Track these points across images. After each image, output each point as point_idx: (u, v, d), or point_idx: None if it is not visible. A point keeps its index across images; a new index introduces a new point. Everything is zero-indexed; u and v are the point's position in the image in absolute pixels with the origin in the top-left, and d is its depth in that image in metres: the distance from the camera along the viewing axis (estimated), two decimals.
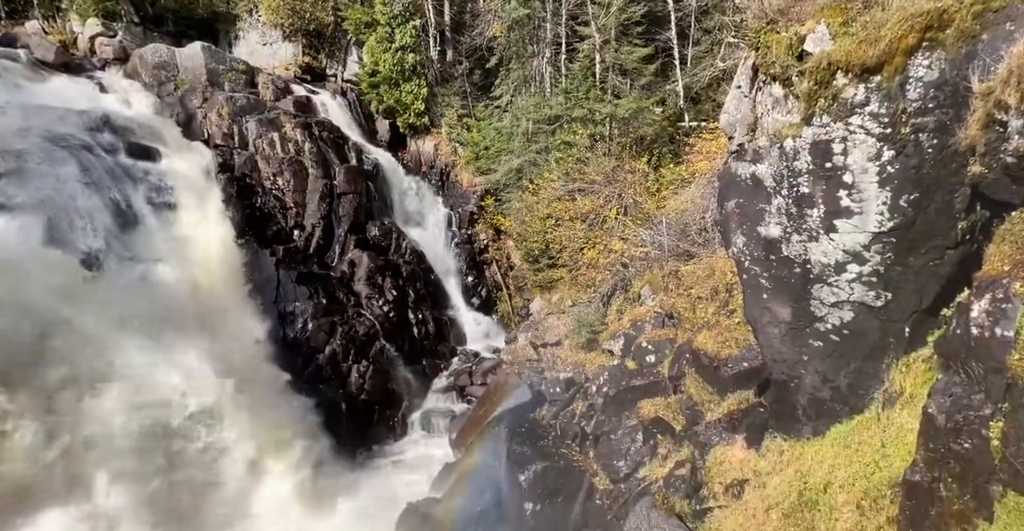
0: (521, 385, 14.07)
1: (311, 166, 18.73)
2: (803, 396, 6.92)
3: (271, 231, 17.72)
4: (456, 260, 19.47)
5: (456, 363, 17.52)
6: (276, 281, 16.85)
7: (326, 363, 16.26)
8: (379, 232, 19.20)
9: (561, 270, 15.36)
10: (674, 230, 11.46)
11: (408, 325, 17.90)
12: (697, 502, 7.98)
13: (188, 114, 18.17)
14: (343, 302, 17.63)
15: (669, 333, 11.26)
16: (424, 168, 20.93)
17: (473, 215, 19.28)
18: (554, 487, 11.38)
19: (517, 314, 18.33)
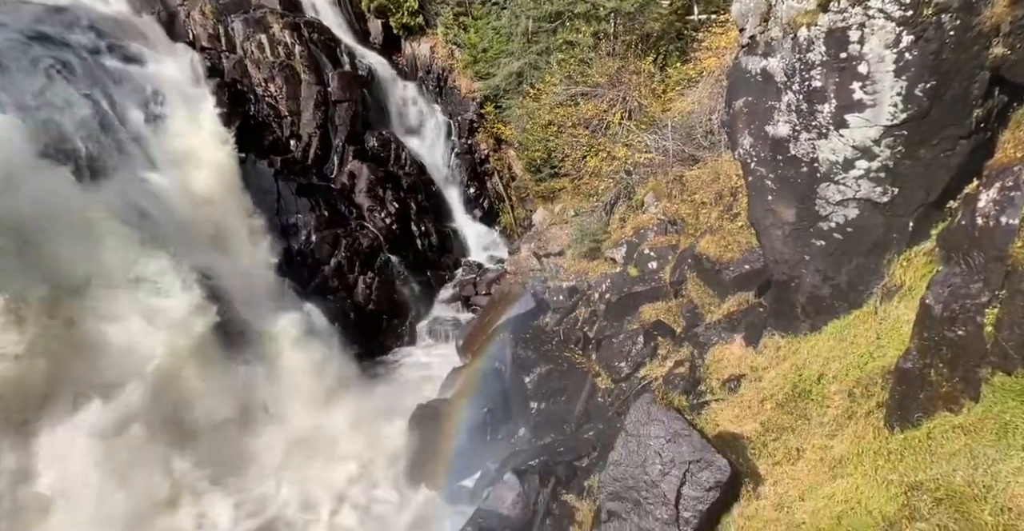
0: (525, 294, 14.37)
1: (303, 71, 17.94)
2: (802, 295, 7.03)
3: (267, 141, 17.31)
4: (457, 171, 19.14)
5: (460, 274, 17.76)
6: (276, 193, 16.65)
7: (332, 275, 16.49)
8: (378, 142, 18.74)
9: (563, 180, 15.13)
10: (679, 134, 11.13)
11: (411, 237, 17.96)
12: (695, 397, 8.37)
13: (170, 12, 17.12)
14: (345, 214, 17.57)
15: (671, 239, 11.28)
16: (420, 73, 20.00)
17: (473, 123, 18.68)
18: (558, 387, 11.97)
19: (520, 225, 18.30)
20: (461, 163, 19.05)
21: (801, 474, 5.38)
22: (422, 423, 12.41)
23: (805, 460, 5.49)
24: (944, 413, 4.25)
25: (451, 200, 19.14)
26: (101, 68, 14.04)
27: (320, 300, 15.46)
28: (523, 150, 16.33)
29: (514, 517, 8.65)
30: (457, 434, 11.84)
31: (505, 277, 16.01)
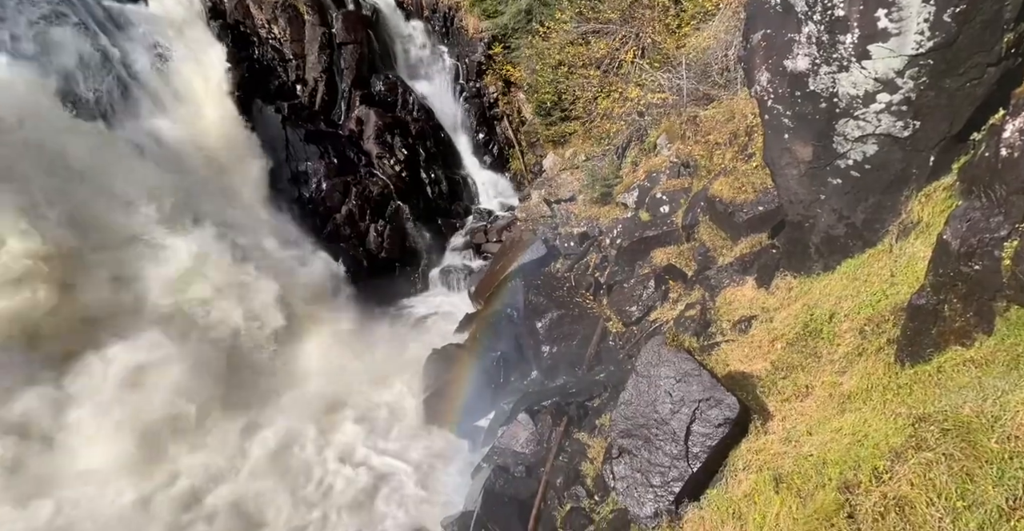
0: (535, 241, 14.35)
1: (307, 12, 17.35)
2: (817, 235, 6.95)
3: (273, 86, 16.97)
4: (466, 116, 18.74)
5: (471, 222, 17.72)
6: (285, 140, 16.49)
7: (343, 222, 16.50)
8: (384, 87, 18.31)
9: (574, 123, 14.78)
10: (694, 72, 10.72)
11: (421, 185, 17.82)
12: (705, 339, 8.45)
13: None
14: (354, 162, 17.40)
15: (684, 182, 11.10)
16: (427, 12, 19.26)
17: (481, 66, 18.11)
18: (569, 332, 12.14)
19: (530, 171, 18.06)
20: (470, 107, 18.61)
21: (809, 410, 5.48)
22: (436, 366, 12.70)
23: (814, 397, 5.57)
24: (956, 348, 4.26)
25: (460, 146, 18.84)
26: (101, 8, 13.62)
27: (333, 248, 15.55)
28: (532, 92, 15.90)
29: (528, 453, 8.97)
30: (471, 377, 12.14)
31: (516, 224, 15.95)
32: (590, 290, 12.52)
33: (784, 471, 5.02)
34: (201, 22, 15.46)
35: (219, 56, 15.18)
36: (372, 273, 15.95)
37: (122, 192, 11.69)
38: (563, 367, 11.42)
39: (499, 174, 18.83)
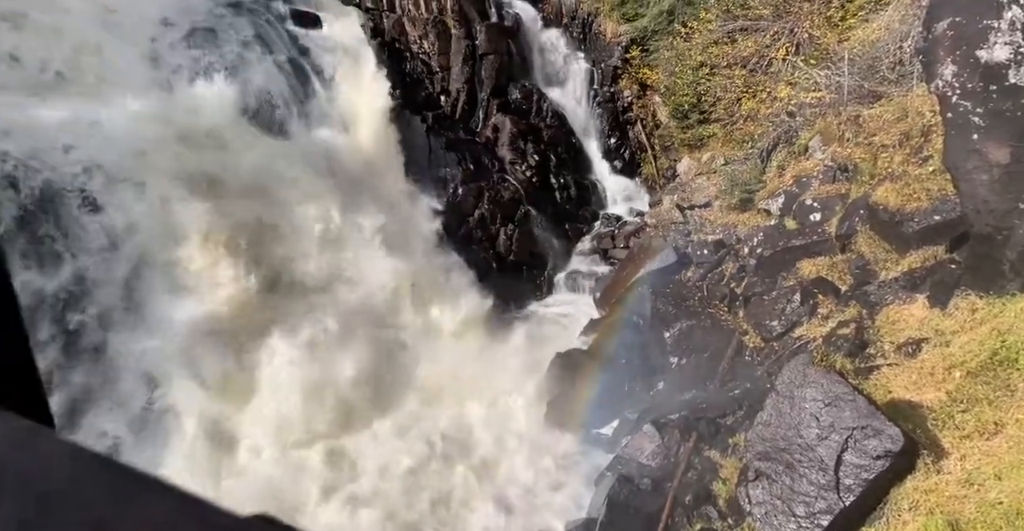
0: (665, 247, 13.89)
1: (454, 26, 18.27)
2: (1012, 249, 6.01)
3: (420, 97, 18.01)
4: (598, 121, 18.63)
5: (598, 227, 17.56)
6: (428, 148, 17.43)
7: (476, 226, 17.10)
8: (520, 94, 18.75)
9: (713, 126, 14.11)
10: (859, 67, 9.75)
11: (551, 189, 17.99)
12: (861, 361, 7.65)
13: None
14: (488, 167, 17.98)
15: (840, 188, 10.14)
16: (566, 19, 19.46)
17: (616, 70, 17.93)
18: (700, 344, 11.58)
19: (662, 176, 17.51)
20: (602, 112, 18.48)
21: (998, 450, 4.73)
22: (560, 371, 12.70)
23: (1005, 436, 4.81)
24: None
25: (590, 151, 18.76)
26: (286, 33, 15.40)
27: (466, 250, 16.18)
28: (670, 95, 15.41)
29: (654, 466, 8.67)
30: (595, 383, 11.99)
31: (645, 230, 15.56)
32: (724, 301, 11.87)
33: (963, 517, 4.38)
34: (364, 41, 16.83)
35: (376, 72, 16.45)
36: (500, 275, 16.36)
37: (293, 194, 13.01)
38: (692, 380, 10.91)
39: (629, 179, 18.48)
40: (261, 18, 15.04)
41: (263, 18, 15.08)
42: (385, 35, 17.78)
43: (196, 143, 11.85)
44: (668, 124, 16.65)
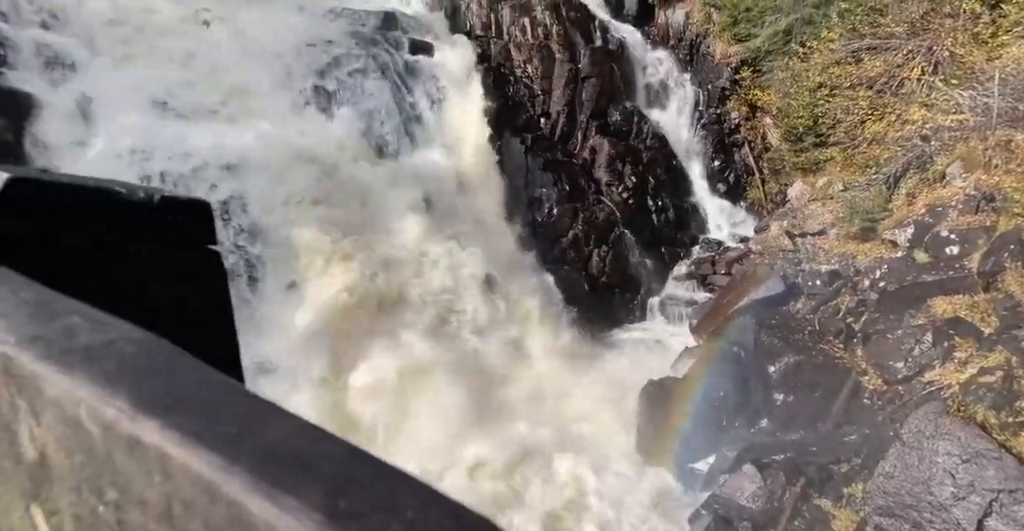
0: (772, 276, 13.09)
1: (558, 51, 18.55)
2: None
3: (521, 120, 18.40)
4: (702, 143, 18.10)
5: (697, 251, 16.92)
6: (525, 168, 17.70)
7: (569, 246, 17.02)
8: (620, 116, 18.64)
9: (832, 149, 13.25)
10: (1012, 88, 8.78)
11: (647, 212, 17.62)
12: (1010, 414, 6.74)
13: (454, 6, 19.02)
14: (584, 189, 17.93)
15: (985, 220, 9.11)
16: (672, 41, 19.21)
17: (724, 91, 17.38)
18: (809, 381, 10.74)
19: (770, 201, 16.62)
20: (707, 134, 17.94)
21: None
22: (652, 399, 12.20)
23: None
24: None
25: (692, 174, 18.22)
26: (401, 60, 16.43)
27: (557, 271, 16.15)
28: (783, 117, 14.69)
29: (755, 509, 8.04)
30: (690, 415, 11.40)
31: (749, 257, 14.79)
32: (839, 337, 10.98)
33: None
34: (471, 67, 17.53)
35: (481, 95, 17.09)
36: (592, 297, 16.13)
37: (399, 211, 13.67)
38: (800, 420, 10.10)
39: (733, 203, 17.71)
40: (381, 48, 16.24)
41: (383, 48, 16.28)
42: (491, 60, 18.37)
43: (317, 162, 12.93)
44: (779, 147, 15.83)
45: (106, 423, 0.44)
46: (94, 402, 0.44)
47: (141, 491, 0.42)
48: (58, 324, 0.53)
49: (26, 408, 0.51)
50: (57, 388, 0.47)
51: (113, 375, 0.46)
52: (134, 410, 0.43)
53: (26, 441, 0.52)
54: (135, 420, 0.42)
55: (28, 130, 11.63)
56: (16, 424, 0.52)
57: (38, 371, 0.48)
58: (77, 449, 0.46)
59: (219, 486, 0.37)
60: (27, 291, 0.59)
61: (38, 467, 0.51)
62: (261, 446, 0.39)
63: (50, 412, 0.48)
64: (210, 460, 0.38)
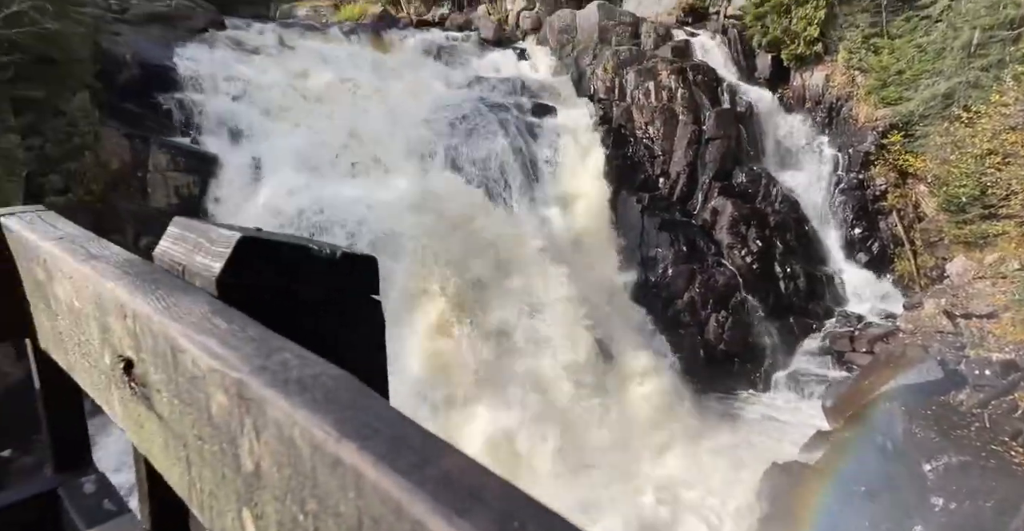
0: (927, 360, 11.61)
1: (681, 112, 18.59)
2: None
3: (638, 179, 18.45)
4: (840, 209, 16.96)
5: (832, 325, 15.50)
6: (641, 227, 17.54)
7: (684, 309, 16.30)
8: (746, 178, 18.07)
9: (1004, 223, 11.82)
10: None
11: (773, 278, 16.58)
12: None
13: (580, 72, 19.89)
14: (703, 250, 17.34)
15: None
16: (809, 104, 18.57)
17: (868, 156, 16.29)
18: (977, 487, 9.19)
19: (924, 276, 14.97)
20: (847, 200, 16.78)
21: None
22: (777, 485, 10.95)
23: None
24: None
25: (828, 241, 17.01)
26: (525, 122, 17.37)
27: (671, 333, 15.50)
28: (940, 185, 13.42)
29: None
30: (823, 510, 10.07)
31: (896, 336, 13.30)
32: (1017, 439, 9.37)
33: None
34: (591, 128, 18.08)
35: (600, 155, 17.48)
36: (709, 364, 15.19)
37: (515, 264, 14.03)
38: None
39: (877, 275, 16.18)
40: (507, 112, 17.33)
41: (509, 111, 17.37)
42: (612, 122, 18.73)
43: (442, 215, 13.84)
44: (936, 217, 14.39)
45: (315, 443, 0.51)
46: (306, 425, 0.52)
47: (337, 504, 0.49)
48: (276, 358, 0.63)
49: (250, 426, 0.60)
50: (278, 411, 0.55)
51: (320, 403, 0.54)
52: (339, 434, 0.50)
53: (246, 453, 0.61)
54: (339, 442, 0.49)
55: (210, 185, 13.80)
56: (240, 438, 0.61)
57: (264, 395, 0.57)
58: (287, 463, 0.55)
59: (405, 506, 0.43)
60: (251, 328, 0.70)
61: (253, 476, 0.60)
62: (439, 475, 0.45)
63: (270, 430, 0.57)
64: (398, 482, 0.44)
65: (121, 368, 0.85)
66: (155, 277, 0.88)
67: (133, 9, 18.39)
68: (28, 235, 1.10)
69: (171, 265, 0.93)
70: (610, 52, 19.32)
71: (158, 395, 0.78)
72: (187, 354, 0.69)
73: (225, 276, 0.82)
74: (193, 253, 0.89)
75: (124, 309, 0.82)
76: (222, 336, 0.68)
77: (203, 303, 0.77)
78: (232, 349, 0.65)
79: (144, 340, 0.78)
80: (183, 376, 0.71)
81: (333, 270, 0.86)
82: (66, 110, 12.84)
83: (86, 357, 0.99)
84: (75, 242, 1.03)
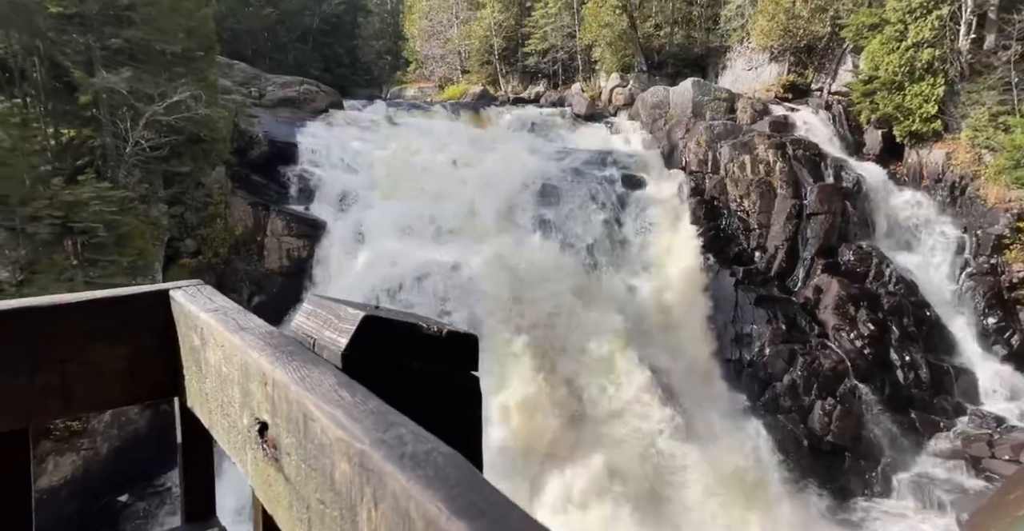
0: None
1: (780, 186, 18.13)
2: None
3: (732, 252, 17.88)
4: (970, 295, 15.42)
5: (965, 424, 13.62)
6: (734, 301, 16.77)
7: (784, 393, 15.02)
8: (854, 256, 17.04)
9: None
10: None
11: (889, 366, 15.05)
12: None
13: (672, 145, 20.10)
14: (805, 330, 16.20)
15: None
16: (927, 182, 17.58)
17: (1002, 240, 14.92)
18: None
19: None
20: (976, 286, 15.26)
21: None
22: None
23: None
24: None
25: (955, 329, 15.37)
26: (614, 192, 17.74)
27: (769, 418, 14.22)
28: None
29: None
30: None
31: None
32: None
33: None
34: (682, 199, 17.97)
35: (691, 227, 17.22)
36: (813, 456, 13.63)
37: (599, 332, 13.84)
38: None
39: (1020, 371, 14.30)
40: (597, 182, 17.81)
41: (598, 182, 17.85)
42: (705, 194, 18.53)
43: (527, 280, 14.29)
44: None
45: (428, 518, 0.53)
46: (421, 499, 0.55)
47: None
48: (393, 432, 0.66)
49: (370, 495, 0.62)
50: (396, 484, 0.58)
51: (432, 480, 0.57)
52: (450, 511, 0.52)
53: (364, 520, 0.64)
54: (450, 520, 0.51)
55: (317, 249, 14.96)
56: (359, 506, 0.64)
57: (384, 468, 0.60)
58: None
59: None
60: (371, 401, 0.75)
61: None
62: None
63: (387, 501, 0.60)
64: None
65: (257, 430, 0.91)
66: (291, 349, 0.95)
67: (268, 95, 20.92)
68: (190, 306, 1.22)
69: (304, 338, 1.02)
70: (704, 126, 19.41)
71: (288, 458, 0.82)
72: (317, 423, 0.73)
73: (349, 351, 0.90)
74: (323, 328, 0.98)
75: (265, 377, 0.89)
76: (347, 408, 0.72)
77: (330, 375, 0.83)
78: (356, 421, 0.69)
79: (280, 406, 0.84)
80: (312, 442, 0.75)
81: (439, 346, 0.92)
82: (205, 182, 14.45)
83: (226, 417, 1.07)
84: (227, 314, 1.14)
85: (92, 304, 1.23)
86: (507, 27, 31.03)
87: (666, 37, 25.49)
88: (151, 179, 13.32)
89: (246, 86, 20.91)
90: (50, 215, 9.50)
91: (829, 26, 20.35)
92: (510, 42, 30.95)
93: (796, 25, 20.71)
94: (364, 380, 0.81)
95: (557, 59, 28.52)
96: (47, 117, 11.44)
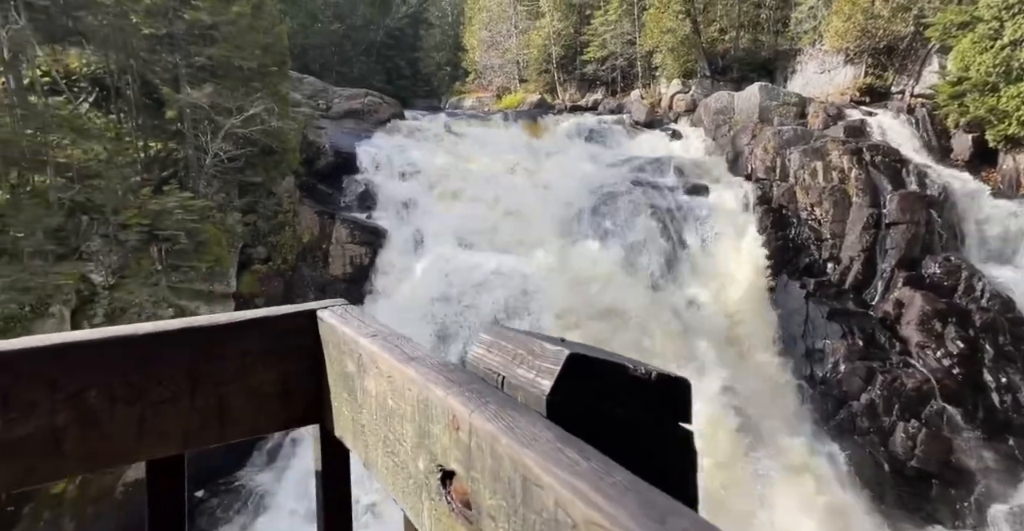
0: None
1: (855, 194, 17.23)
2: None
3: (802, 263, 17.07)
4: None
5: None
6: (805, 315, 16.02)
7: (861, 413, 14.14)
8: (940, 269, 15.91)
9: None
10: None
11: (983, 388, 13.92)
12: None
13: (737, 151, 19.46)
14: (884, 347, 15.25)
15: None
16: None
17: None
18: None
19: None
20: None
21: None
22: None
23: None
24: None
25: None
26: (674, 200, 17.30)
27: (844, 440, 13.43)
28: None
29: None
30: None
31: None
32: None
33: None
34: (747, 208, 17.31)
35: (757, 236, 16.57)
36: (896, 482, 12.76)
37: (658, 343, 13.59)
38: None
39: None
40: (656, 189, 17.40)
41: (658, 189, 17.43)
42: (772, 202, 17.76)
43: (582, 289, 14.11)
44: None
45: None
46: None
47: None
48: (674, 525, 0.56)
49: None
50: None
51: None
52: None
53: None
54: None
55: (377, 256, 15.24)
56: None
57: None
58: None
59: None
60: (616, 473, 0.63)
61: None
62: None
63: None
64: None
65: (438, 478, 0.81)
66: (478, 388, 0.84)
67: (335, 107, 21.82)
68: (343, 329, 1.13)
69: (487, 373, 0.90)
70: (772, 131, 18.70)
71: (491, 522, 0.70)
72: (548, 492, 0.61)
73: (554, 395, 0.78)
74: (513, 364, 0.87)
75: (457, 421, 0.78)
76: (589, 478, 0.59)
77: (543, 427, 0.71)
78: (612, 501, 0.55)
79: (481, 459, 0.73)
80: (537, 515, 0.62)
81: (647, 391, 0.81)
82: (276, 192, 15.12)
83: (391, 456, 0.97)
84: (388, 340, 1.05)
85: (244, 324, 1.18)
86: (566, 36, 31.09)
87: (731, 41, 24.86)
88: (227, 189, 13.99)
89: (314, 99, 21.77)
90: (139, 223, 10.09)
91: (912, 25, 19.33)
92: (568, 50, 30.99)
93: (875, 25, 19.77)
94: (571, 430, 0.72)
95: (616, 66, 28.34)
96: (137, 131, 12.21)
